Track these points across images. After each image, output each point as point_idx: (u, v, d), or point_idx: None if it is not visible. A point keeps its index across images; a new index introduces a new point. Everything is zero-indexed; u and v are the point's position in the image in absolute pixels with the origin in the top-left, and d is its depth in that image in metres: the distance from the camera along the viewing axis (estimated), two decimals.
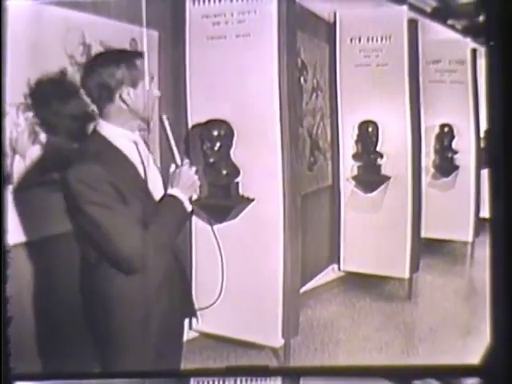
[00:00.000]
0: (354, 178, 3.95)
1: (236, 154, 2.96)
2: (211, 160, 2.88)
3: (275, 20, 2.90)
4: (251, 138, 2.96)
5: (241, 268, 3.00)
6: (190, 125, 3.09)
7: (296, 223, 3.02)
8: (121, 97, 1.91)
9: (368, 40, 3.91)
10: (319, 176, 3.88)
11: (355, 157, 3.96)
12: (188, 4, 3.06)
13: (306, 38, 3.64)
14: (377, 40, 3.88)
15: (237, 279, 2.98)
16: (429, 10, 3.93)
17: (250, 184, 2.98)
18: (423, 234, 3.95)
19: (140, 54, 2.01)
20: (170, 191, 2.00)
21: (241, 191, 2.98)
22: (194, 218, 3.06)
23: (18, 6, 2.25)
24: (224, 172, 2.90)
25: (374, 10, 3.80)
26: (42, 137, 2.41)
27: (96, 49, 2.61)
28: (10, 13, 2.23)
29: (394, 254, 3.77)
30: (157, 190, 2.02)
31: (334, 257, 4.00)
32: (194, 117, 3.09)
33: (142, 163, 1.99)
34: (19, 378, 1.68)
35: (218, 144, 2.85)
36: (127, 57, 1.96)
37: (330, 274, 3.97)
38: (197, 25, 3.05)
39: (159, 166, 2.84)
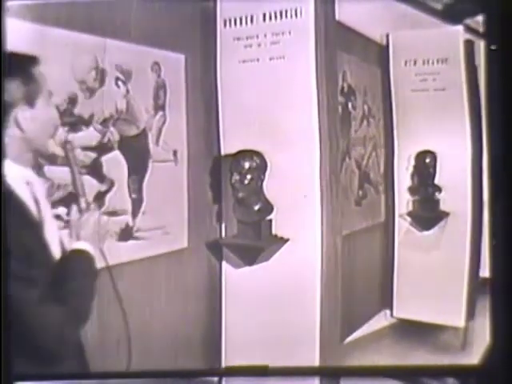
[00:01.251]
0: (409, 213, 3.55)
1: (269, 187, 2.66)
2: (241, 195, 2.59)
3: (312, 41, 2.61)
4: (286, 170, 2.66)
5: (273, 316, 2.67)
6: (221, 155, 2.84)
7: (336, 266, 2.67)
8: (15, 119, 1.51)
9: (424, 63, 3.55)
10: (369, 212, 3.52)
11: (411, 190, 3.57)
12: (219, 26, 2.82)
13: (352, 61, 3.33)
14: (433, 63, 3.51)
15: (267, 329, 2.65)
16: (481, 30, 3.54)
17: (284, 222, 2.66)
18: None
19: (36, 60, 1.61)
20: (75, 245, 1.64)
21: (274, 230, 2.67)
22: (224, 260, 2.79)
23: (19, 27, 2.06)
24: (255, 208, 2.60)
25: (428, 31, 3.44)
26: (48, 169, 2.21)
27: (111, 73, 2.40)
28: (9, 34, 2.04)
29: (450, 298, 3.33)
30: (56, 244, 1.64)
31: (386, 301, 3.60)
32: (226, 146, 2.83)
33: (39, 211, 1.58)
34: (20, 379, 1.60)
35: (248, 177, 2.56)
36: (22, 64, 1.56)
37: (380, 320, 3.55)
38: (228, 47, 2.81)
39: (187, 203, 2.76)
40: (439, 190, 3.45)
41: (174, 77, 2.66)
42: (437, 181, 3.46)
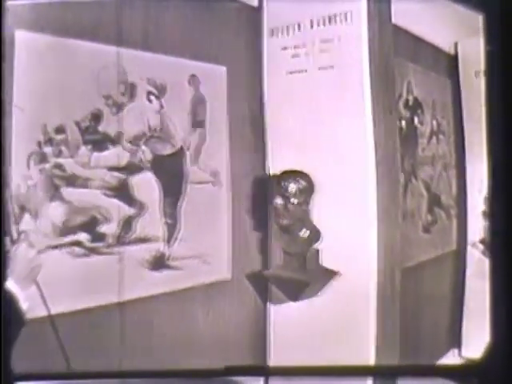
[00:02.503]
0: (482, 241, 3.15)
1: (317, 213, 2.36)
2: (285, 221, 2.31)
3: (365, 47, 2.31)
4: (337, 193, 2.35)
5: (322, 359, 2.35)
6: (267, 176, 2.58)
7: (393, 303, 2.34)
8: None
9: None
10: (439, 239, 3.14)
11: (484, 215, 3.16)
12: (265, 35, 2.57)
13: (418, 71, 2.99)
14: None
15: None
16: None
17: (334, 252, 2.35)
18: None
19: None
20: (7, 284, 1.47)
21: (322, 261, 2.37)
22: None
23: (35, 40, 1.89)
24: (301, 236, 2.31)
25: None
26: (66, 191, 2.02)
27: (142, 87, 2.20)
28: (26, 48, 1.87)
29: None
30: None
31: (455, 340, 3.18)
32: (273, 166, 2.57)
33: None
34: (20, 379, 1.56)
35: (293, 201, 2.27)
36: None
37: (448, 361, 3.14)
38: (275, 58, 2.56)
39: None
40: None
41: (215, 90, 2.43)
42: None
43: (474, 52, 3.20)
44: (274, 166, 2.53)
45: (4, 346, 1.52)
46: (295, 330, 2.43)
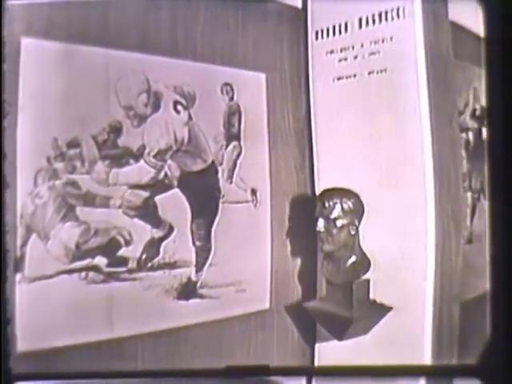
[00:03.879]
0: None
1: (366, 238, 2.06)
2: (329, 247, 2.02)
3: (421, 47, 2.02)
4: (390, 216, 2.06)
5: None
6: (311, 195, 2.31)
7: (451, 346, 2.00)
8: None
9: None
10: None
11: None
12: (310, 38, 2.32)
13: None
14: None
15: None
16: None
17: (386, 284, 2.05)
18: None
19: None
20: None
21: (372, 294, 2.07)
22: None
23: (43, 47, 1.72)
24: (347, 264, 2.03)
25: None
26: (82, 211, 1.83)
27: (169, 97, 2.00)
28: (33, 56, 1.71)
29: None
30: None
31: None
32: (320, 184, 2.30)
33: None
34: (20, 378, 1.56)
35: (339, 224, 1.98)
36: None
37: None
38: (320, 63, 2.30)
39: None
40: None
41: (252, 100, 2.20)
42: None
43: None
44: (321, 185, 2.26)
45: (4, 346, 1.51)
46: None
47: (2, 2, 1.58)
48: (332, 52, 2.26)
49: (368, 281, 2.02)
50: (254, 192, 2.21)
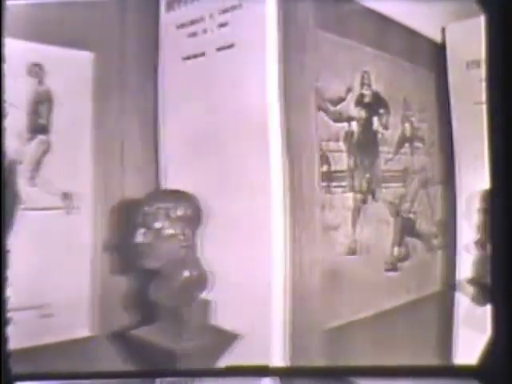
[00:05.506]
0: (471, 281, 2.39)
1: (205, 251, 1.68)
2: (152, 263, 1.64)
3: (272, 15, 1.64)
4: (234, 224, 1.68)
5: None
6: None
7: None
8: None
9: None
10: (412, 279, 2.40)
11: (478, 244, 2.41)
12: (161, 11, 1.94)
13: (385, 60, 2.30)
14: None
15: None
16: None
17: (227, 305, 1.67)
18: None
19: None
20: None
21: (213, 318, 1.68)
22: None
23: None
24: (179, 282, 1.64)
25: None
26: None
27: None
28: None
29: None
30: None
31: None
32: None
33: None
34: (19, 378, 1.55)
35: (165, 234, 1.61)
36: None
37: None
38: (169, 39, 1.91)
39: None
40: None
41: (71, 85, 1.78)
42: None
43: (465, 38, 2.50)
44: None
45: (4, 346, 1.52)
46: None
47: (1, 2, 1.57)
48: (183, 26, 1.88)
49: (207, 302, 1.64)
50: (66, 196, 1.80)
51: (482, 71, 2.50)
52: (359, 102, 2.17)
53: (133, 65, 1.91)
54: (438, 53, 2.57)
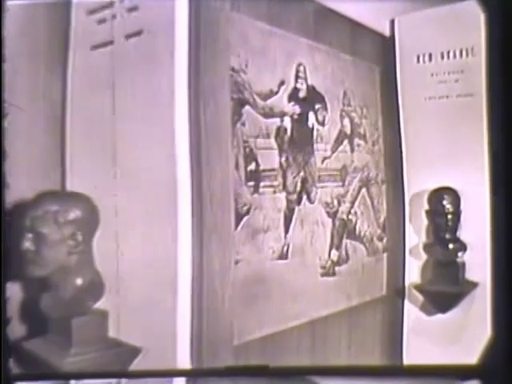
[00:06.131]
0: (418, 287, 2.27)
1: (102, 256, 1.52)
2: (38, 271, 1.47)
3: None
4: (136, 225, 1.53)
5: None
6: None
7: None
8: None
9: (443, 57, 2.34)
10: (352, 284, 2.28)
11: (426, 249, 2.30)
12: None
13: (322, 52, 2.18)
14: (455, 56, 2.30)
15: None
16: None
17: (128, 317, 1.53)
18: None
19: None
20: None
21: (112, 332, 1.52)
22: None
23: None
24: (68, 292, 1.48)
25: (444, 8, 2.26)
26: None
27: None
28: None
29: None
30: None
31: None
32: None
33: None
34: (19, 379, 1.53)
35: (52, 238, 1.43)
36: None
37: None
38: (80, 27, 1.76)
39: None
40: (464, 247, 2.18)
41: None
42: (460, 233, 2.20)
43: (415, 31, 2.39)
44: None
45: (4, 346, 1.51)
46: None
47: (1, 2, 1.57)
48: (93, 12, 1.73)
49: (104, 312, 1.49)
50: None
51: (433, 64, 2.42)
52: (293, 96, 2.03)
53: (44, 54, 1.75)
54: (383, 46, 2.46)
